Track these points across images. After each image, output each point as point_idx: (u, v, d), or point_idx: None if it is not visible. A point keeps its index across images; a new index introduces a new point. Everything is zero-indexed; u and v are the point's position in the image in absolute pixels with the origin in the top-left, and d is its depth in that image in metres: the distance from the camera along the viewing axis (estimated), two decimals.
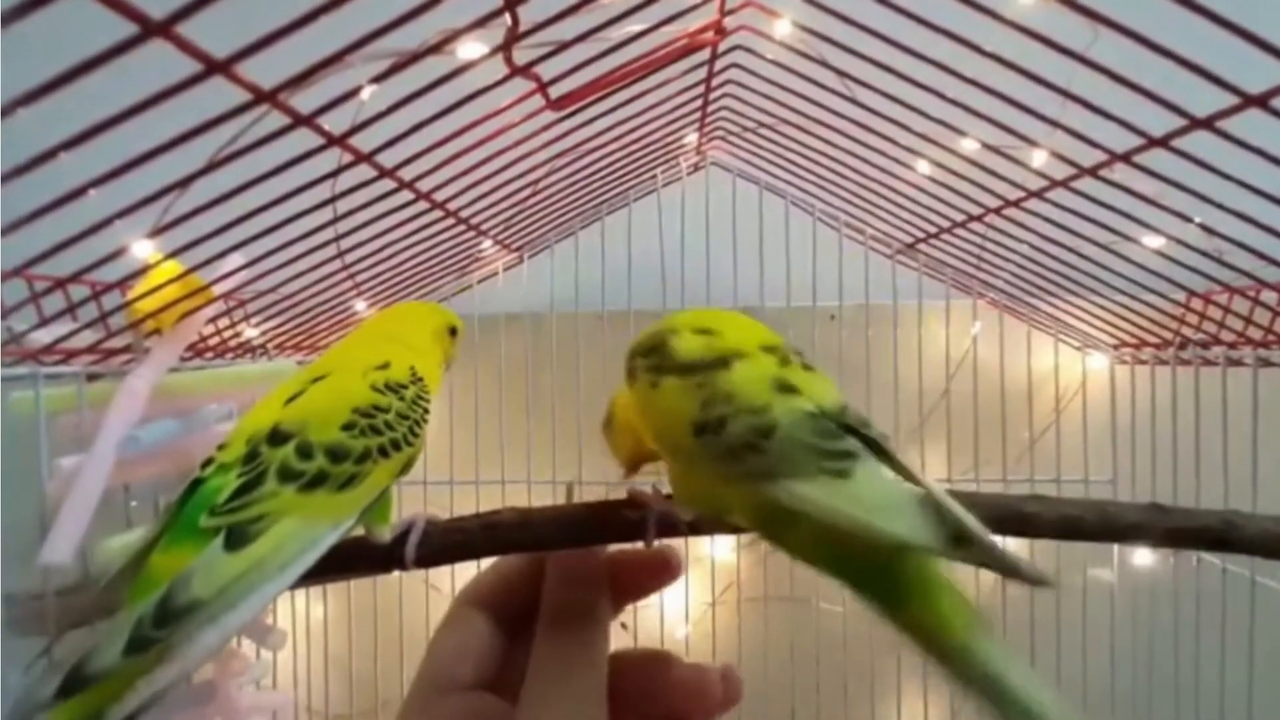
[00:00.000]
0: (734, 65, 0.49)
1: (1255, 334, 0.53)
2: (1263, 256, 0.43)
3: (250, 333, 0.58)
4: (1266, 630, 0.55)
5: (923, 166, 0.53)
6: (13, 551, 0.35)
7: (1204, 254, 0.47)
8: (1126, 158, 0.38)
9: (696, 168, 0.72)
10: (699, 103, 0.55)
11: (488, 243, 0.66)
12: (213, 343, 0.55)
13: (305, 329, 0.63)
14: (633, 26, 0.36)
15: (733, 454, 0.26)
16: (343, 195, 0.38)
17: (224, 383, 0.49)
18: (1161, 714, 0.62)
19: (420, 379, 0.38)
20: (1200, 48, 0.28)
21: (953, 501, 0.24)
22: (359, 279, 0.55)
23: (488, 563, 0.34)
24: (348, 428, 0.31)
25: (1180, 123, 0.33)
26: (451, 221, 0.54)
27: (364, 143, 0.35)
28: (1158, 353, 0.64)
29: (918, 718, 0.72)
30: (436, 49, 0.29)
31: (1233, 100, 0.30)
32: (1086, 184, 0.43)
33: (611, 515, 0.33)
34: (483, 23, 0.29)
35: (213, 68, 0.24)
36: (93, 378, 0.42)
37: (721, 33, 0.42)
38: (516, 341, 0.74)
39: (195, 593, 0.25)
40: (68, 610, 0.36)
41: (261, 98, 0.27)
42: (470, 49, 0.31)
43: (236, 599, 0.26)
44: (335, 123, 0.31)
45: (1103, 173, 0.41)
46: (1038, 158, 0.44)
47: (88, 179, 0.28)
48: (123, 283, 0.41)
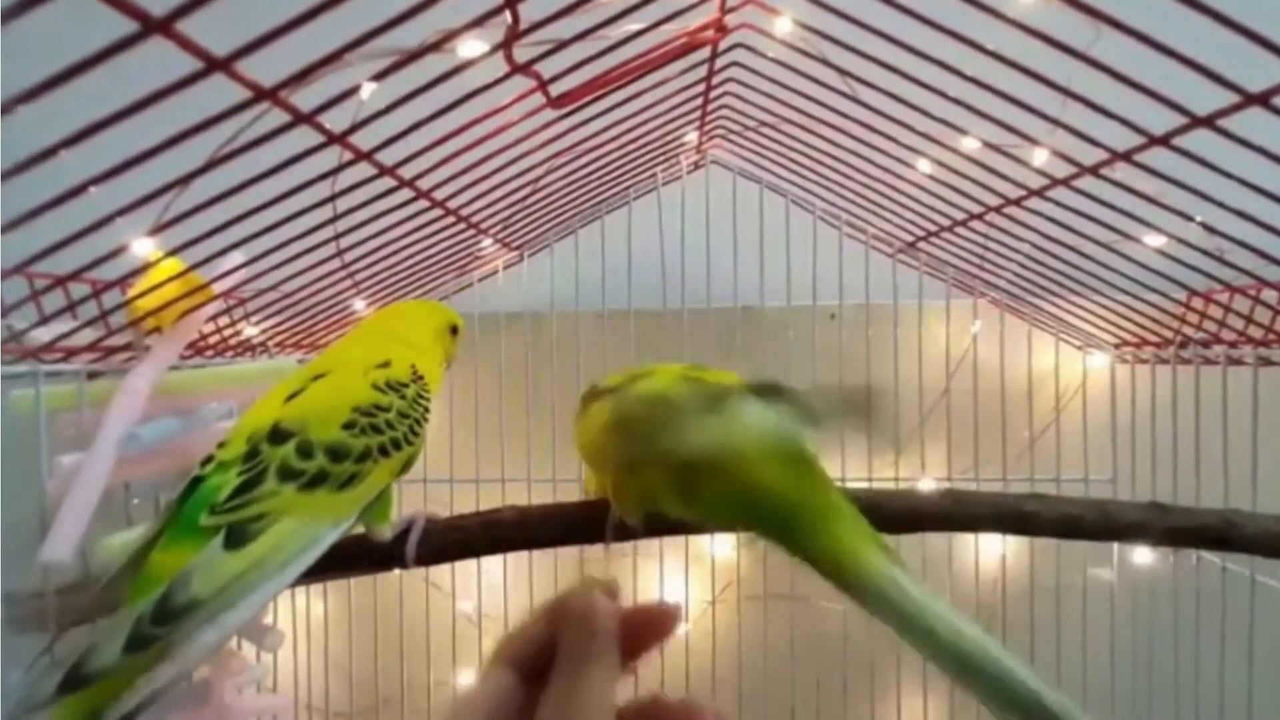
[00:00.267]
0: (735, 64, 0.49)
1: (1256, 333, 0.53)
2: (1264, 255, 0.43)
3: (250, 331, 0.58)
4: (1266, 629, 0.55)
5: (924, 165, 0.53)
6: (13, 549, 0.35)
7: (1205, 253, 0.47)
8: (1128, 156, 0.38)
9: (697, 166, 0.72)
10: (699, 101, 0.54)
11: (488, 241, 0.66)
12: (213, 341, 0.55)
13: (305, 327, 0.63)
14: (633, 25, 0.36)
15: (632, 434, 0.31)
16: (343, 193, 0.38)
17: (224, 381, 0.49)
18: (1161, 713, 0.63)
19: (421, 377, 0.38)
20: (1201, 46, 0.28)
21: (811, 398, 0.29)
22: (359, 277, 0.55)
23: (490, 564, 0.34)
24: (348, 426, 0.32)
25: (1181, 121, 0.33)
26: (451, 220, 0.54)
27: (364, 141, 0.35)
28: (1158, 352, 0.64)
29: (917, 715, 0.73)
30: (436, 47, 0.28)
31: (1234, 98, 0.30)
32: (1087, 182, 0.43)
33: (605, 514, 0.34)
34: (483, 21, 0.29)
35: (213, 65, 0.24)
36: (93, 376, 0.42)
37: (722, 31, 0.42)
38: (517, 340, 0.74)
39: (195, 591, 0.25)
40: (68, 608, 0.36)
41: (262, 95, 0.26)
42: (470, 47, 0.31)
43: (236, 598, 0.26)
44: (335, 121, 0.31)
45: (1104, 171, 0.41)
46: (1039, 156, 0.44)
47: (88, 177, 0.28)
48: (123, 280, 0.41)
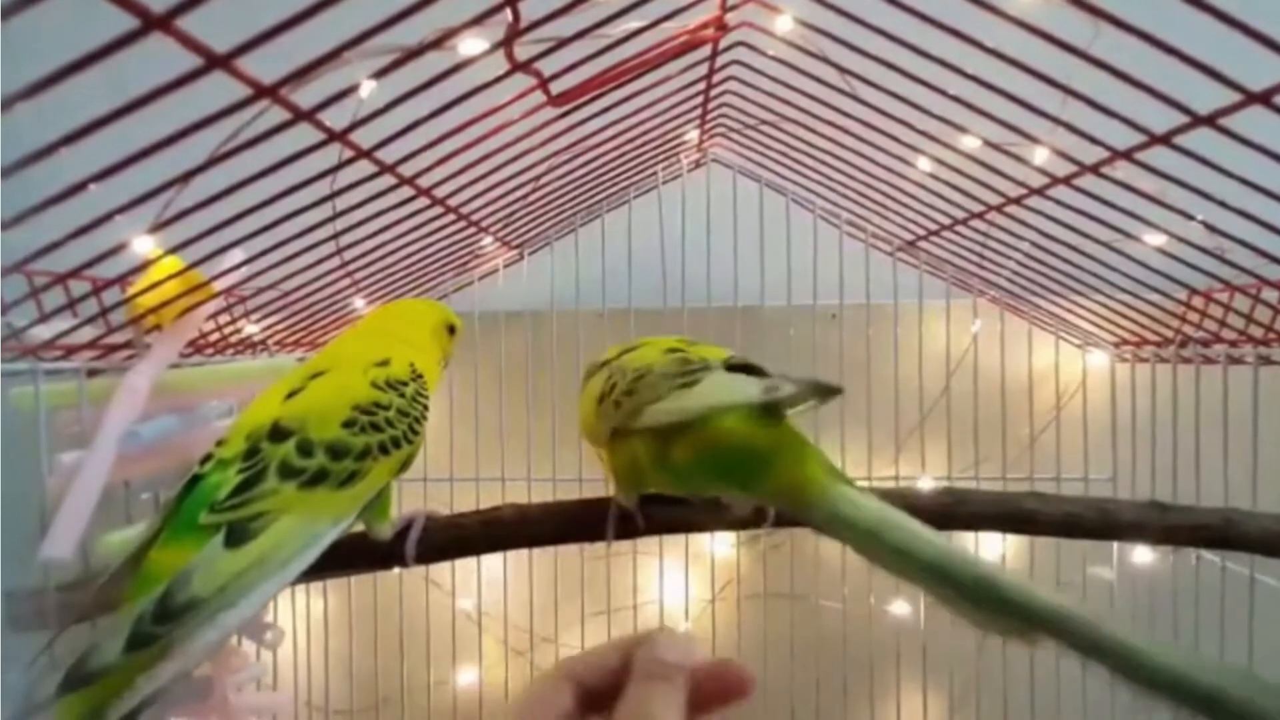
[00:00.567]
0: (735, 62, 0.49)
1: (1256, 332, 0.53)
2: (1264, 254, 0.43)
3: (250, 329, 0.58)
4: (1266, 628, 0.55)
5: (924, 164, 0.53)
6: (13, 547, 0.35)
7: (1205, 251, 0.47)
8: (1128, 155, 0.38)
9: (697, 164, 0.72)
10: (700, 99, 0.54)
11: (488, 239, 0.66)
12: (213, 339, 0.55)
13: (305, 325, 0.63)
14: (634, 23, 0.36)
15: (616, 405, 0.33)
16: (343, 191, 0.38)
17: (224, 379, 0.49)
18: (1161, 712, 0.62)
19: (420, 376, 0.38)
20: (1202, 44, 0.28)
21: (781, 376, 0.31)
22: (359, 275, 0.55)
23: (490, 562, 0.34)
24: (348, 425, 0.31)
25: (1182, 120, 0.33)
26: (452, 218, 0.54)
27: (364, 138, 0.35)
28: (1158, 350, 0.64)
29: (916, 714, 0.73)
30: (437, 44, 0.28)
31: (1235, 97, 0.30)
32: (1088, 181, 0.43)
33: (603, 511, 0.34)
34: (483, 18, 0.29)
35: (213, 62, 0.24)
36: (93, 373, 0.42)
37: (723, 29, 0.42)
38: (517, 339, 0.74)
39: (195, 590, 0.25)
40: (68, 606, 0.36)
41: (262, 93, 0.26)
42: (471, 45, 0.31)
43: (236, 596, 0.26)
44: (335, 118, 0.31)
45: (1104, 170, 0.41)
46: (1039, 155, 0.44)
47: (88, 174, 0.28)
48: (123, 278, 0.41)
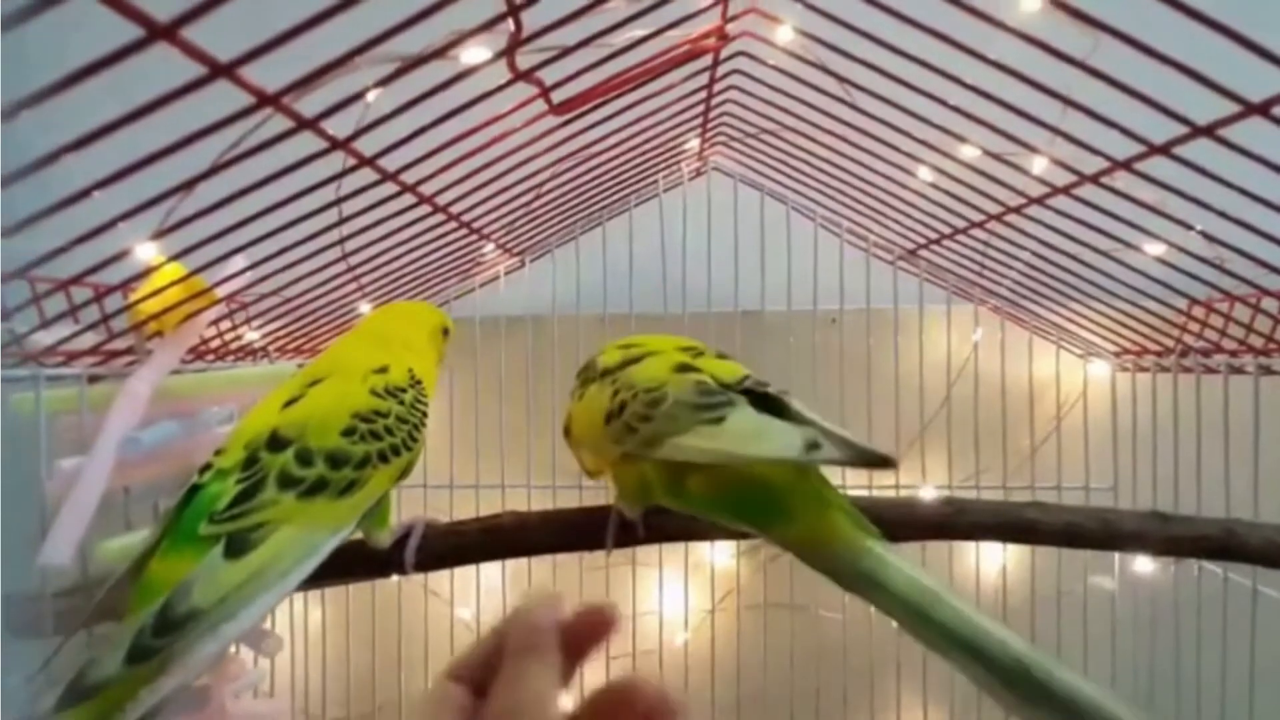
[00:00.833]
0: (736, 71, 0.49)
1: (1257, 341, 0.53)
2: (1264, 264, 0.43)
3: (252, 335, 0.58)
4: (1268, 639, 0.55)
5: (924, 173, 0.53)
6: (13, 552, 0.35)
7: (1205, 261, 0.47)
8: (1128, 165, 0.38)
9: (698, 173, 0.72)
10: (701, 108, 0.55)
11: (489, 246, 0.66)
12: (214, 345, 0.55)
13: (306, 332, 0.63)
14: (635, 32, 0.36)
15: (630, 429, 0.30)
16: (345, 199, 0.38)
17: (225, 385, 0.49)
18: None
19: (419, 382, 0.38)
20: (1201, 56, 0.29)
21: (817, 418, 0.28)
22: (361, 282, 0.55)
23: (489, 570, 0.34)
24: (347, 433, 0.31)
25: (1182, 130, 0.33)
26: (453, 225, 0.54)
27: (367, 146, 0.35)
28: (1159, 360, 0.64)
29: None
30: (440, 54, 0.29)
31: (1234, 108, 0.31)
32: (1088, 191, 0.43)
33: (603, 520, 0.34)
34: (486, 28, 0.29)
35: (217, 71, 0.24)
36: (94, 379, 0.42)
37: (724, 39, 0.42)
38: (518, 344, 0.74)
39: (195, 602, 0.25)
40: (66, 612, 0.36)
41: (265, 101, 0.27)
42: (473, 54, 0.31)
43: (237, 608, 0.26)
44: (339, 127, 0.31)
45: (1104, 180, 0.41)
46: (1039, 164, 0.44)
47: (91, 181, 0.28)
48: (125, 285, 0.41)
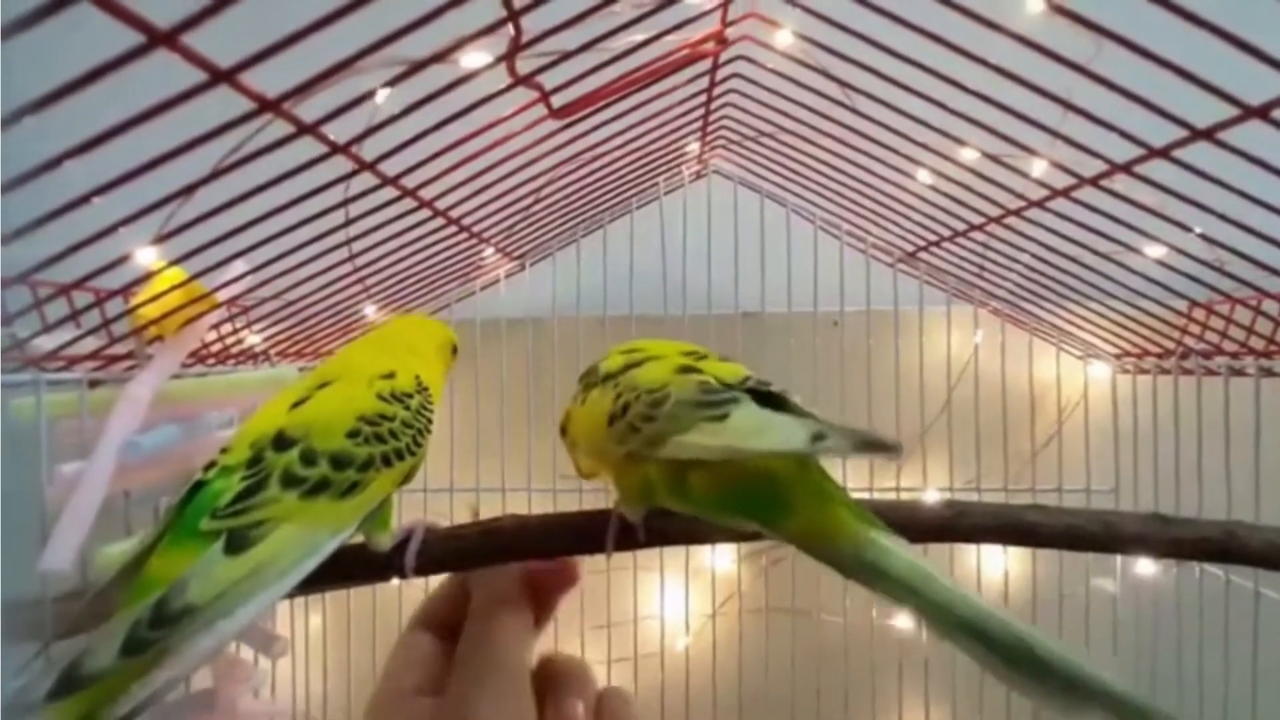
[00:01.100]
0: (736, 75, 0.50)
1: (1257, 344, 0.53)
2: (1264, 266, 0.43)
3: (252, 339, 0.59)
4: (1270, 642, 0.55)
5: (924, 176, 0.53)
6: (13, 557, 0.35)
7: (1205, 264, 0.47)
8: (1127, 168, 0.38)
9: (698, 176, 0.72)
10: (701, 111, 0.55)
11: (490, 250, 0.66)
12: (215, 349, 0.55)
13: (307, 336, 0.63)
14: (635, 36, 0.36)
15: (633, 429, 0.30)
16: (345, 203, 0.39)
17: (225, 389, 0.49)
18: None
19: (425, 388, 0.38)
20: (1201, 59, 0.29)
21: (816, 415, 0.27)
22: (361, 286, 0.55)
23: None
24: (352, 435, 0.31)
25: (1181, 134, 0.33)
26: (454, 229, 0.54)
27: (367, 151, 0.35)
28: (1160, 362, 0.64)
29: None
30: (440, 58, 0.29)
31: (1233, 111, 0.31)
32: (1088, 194, 0.43)
33: (604, 523, 0.34)
34: (486, 32, 0.29)
35: (217, 77, 0.24)
36: (95, 384, 0.42)
37: (723, 43, 0.42)
38: (518, 346, 0.74)
39: (191, 597, 0.25)
40: (66, 616, 0.36)
41: (266, 106, 0.27)
42: (473, 58, 0.31)
43: (234, 604, 0.26)
44: (339, 131, 0.32)
45: (1104, 183, 0.41)
46: (1039, 167, 0.44)
47: (92, 186, 0.28)
48: (126, 289, 0.41)
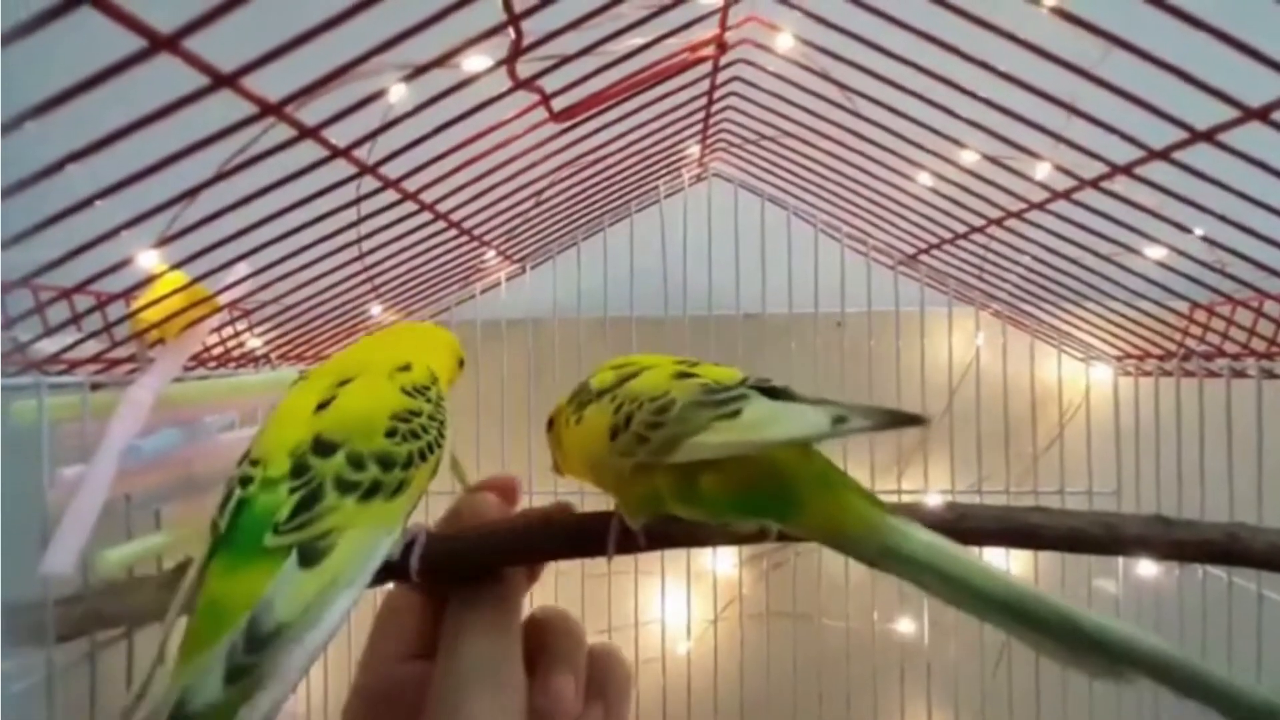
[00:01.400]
0: (736, 78, 0.50)
1: (1259, 345, 0.53)
2: (1265, 268, 0.43)
3: (254, 343, 0.59)
4: (1274, 644, 0.54)
5: (924, 178, 0.53)
6: (14, 560, 0.35)
7: (1206, 265, 0.47)
8: (1128, 170, 0.38)
9: (699, 179, 0.72)
10: (701, 115, 0.55)
11: (491, 253, 0.66)
12: (216, 353, 0.55)
13: (308, 339, 0.63)
14: (635, 40, 0.36)
15: (640, 439, 0.30)
16: (347, 206, 0.39)
17: (227, 393, 0.49)
18: None
19: (437, 379, 0.38)
20: (1201, 62, 0.29)
21: (831, 401, 0.27)
22: (363, 289, 0.56)
23: None
24: (390, 434, 0.31)
25: (1181, 135, 0.33)
26: (455, 233, 0.54)
27: (369, 155, 0.35)
28: (1161, 364, 0.64)
29: None
30: (441, 62, 0.29)
31: (1233, 113, 0.31)
32: (1088, 195, 0.43)
33: (604, 526, 0.34)
34: (487, 36, 0.29)
35: (219, 81, 0.24)
36: (96, 387, 0.42)
37: (723, 47, 0.42)
38: (519, 347, 0.74)
39: (280, 615, 0.25)
40: (66, 620, 0.36)
41: (268, 110, 0.27)
42: (474, 62, 0.32)
43: (319, 615, 0.26)
44: (341, 135, 0.32)
45: (1104, 184, 0.41)
46: (1039, 170, 0.44)
47: (94, 190, 0.28)
48: (128, 293, 0.41)
